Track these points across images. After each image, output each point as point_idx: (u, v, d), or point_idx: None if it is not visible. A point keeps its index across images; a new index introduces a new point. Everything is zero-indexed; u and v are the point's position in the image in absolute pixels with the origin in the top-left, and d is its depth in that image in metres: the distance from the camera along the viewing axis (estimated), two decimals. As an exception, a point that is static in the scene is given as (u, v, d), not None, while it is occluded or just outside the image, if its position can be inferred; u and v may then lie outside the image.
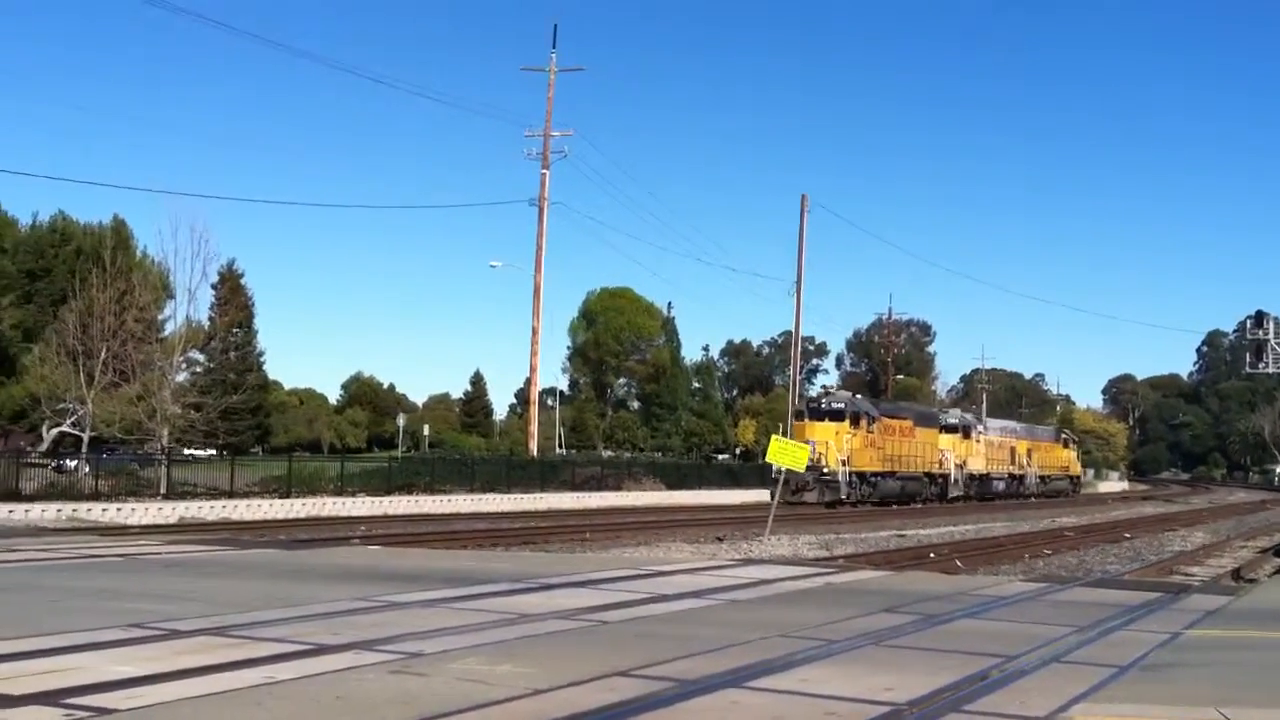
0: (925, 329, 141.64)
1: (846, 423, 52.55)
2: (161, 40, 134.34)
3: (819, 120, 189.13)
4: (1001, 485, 70.22)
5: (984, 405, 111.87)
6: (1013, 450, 73.17)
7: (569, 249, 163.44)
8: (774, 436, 30.97)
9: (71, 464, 42.65)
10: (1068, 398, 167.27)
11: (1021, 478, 73.35)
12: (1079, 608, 14.02)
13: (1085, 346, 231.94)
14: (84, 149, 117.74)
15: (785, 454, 28.25)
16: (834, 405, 53.60)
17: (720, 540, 28.21)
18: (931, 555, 24.69)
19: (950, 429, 64.96)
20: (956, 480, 63.61)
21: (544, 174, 59.40)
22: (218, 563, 17.94)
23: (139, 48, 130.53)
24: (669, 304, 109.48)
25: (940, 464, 62.48)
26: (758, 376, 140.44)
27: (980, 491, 66.53)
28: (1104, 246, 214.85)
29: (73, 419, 46.32)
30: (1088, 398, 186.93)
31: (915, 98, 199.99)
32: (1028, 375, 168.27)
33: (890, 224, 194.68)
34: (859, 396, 57.79)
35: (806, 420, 52.75)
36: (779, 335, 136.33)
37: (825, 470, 50.53)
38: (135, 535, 25.38)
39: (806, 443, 45.55)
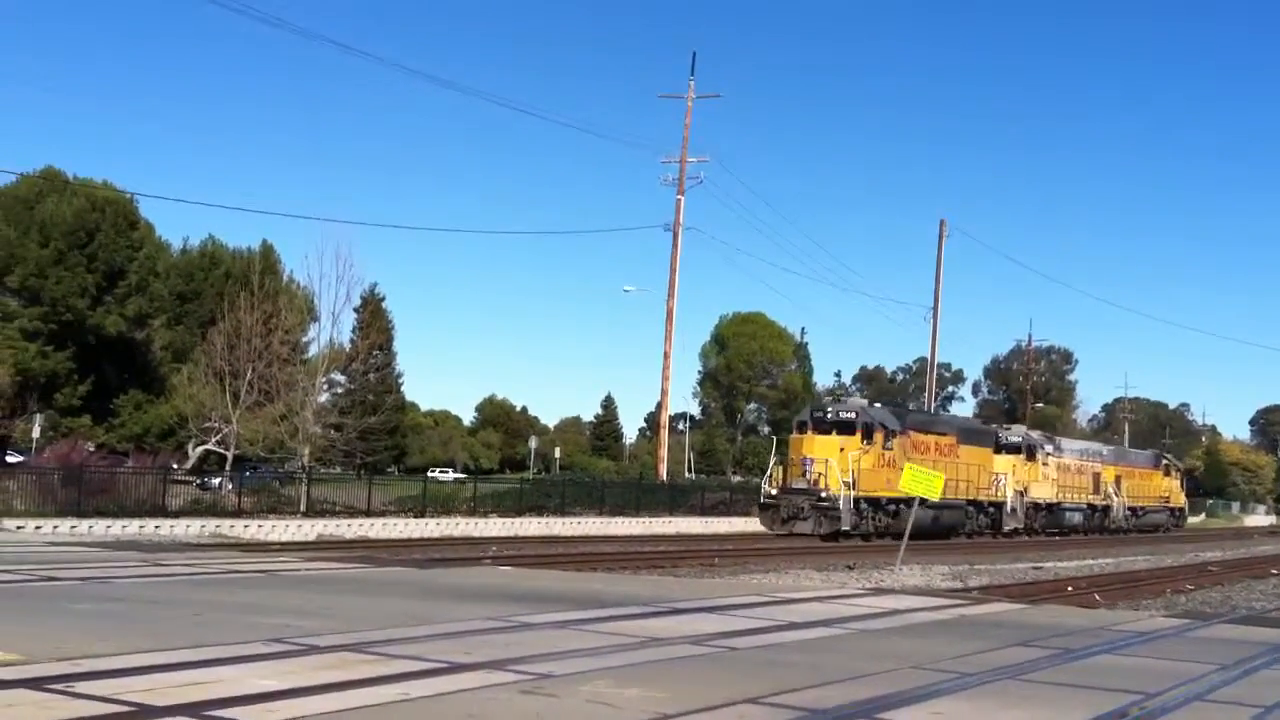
0: (1066, 356, 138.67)
1: (857, 436, 42.16)
2: (309, 70, 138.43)
3: (957, 142, 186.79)
4: (1078, 517, 58.93)
5: (1125, 435, 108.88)
6: (1096, 476, 61.31)
7: (702, 273, 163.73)
8: (908, 465, 30.51)
9: (216, 481, 44.00)
10: (1213, 428, 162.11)
11: (1106, 509, 61.80)
12: (1223, 645, 13.56)
13: (1233, 375, 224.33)
14: (235, 175, 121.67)
15: (919, 482, 27.79)
16: (842, 415, 43.50)
17: (851, 569, 27.89)
18: (1069, 589, 24.09)
19: (1009, 448, 54.17)
20: (1014, 509, 52.37)
21: (679, 200, 59.67)
22: (355, 580, 18.30)
23: (288, 78, 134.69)
24: (802, 329, 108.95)
25: (994, 490, 51.63)
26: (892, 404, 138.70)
27: (1049, 524, 55.83)
28: (1255, 272, 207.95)
29: (218, 437, 47.77)
30: (1234, 429, 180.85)
31: (1057, 121, 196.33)
32: (1172, 405, 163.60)
33: (1031, 248, 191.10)
34: (879, 405, 47.63)
35: (809, 433, 42.75)
36: (914, 361, 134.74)
37: (823, 495, 40.75)
38: (276, 552, 26.02)
39: (803, 460, 41.64)
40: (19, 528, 30.64)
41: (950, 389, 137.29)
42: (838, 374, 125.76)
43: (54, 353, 61.21)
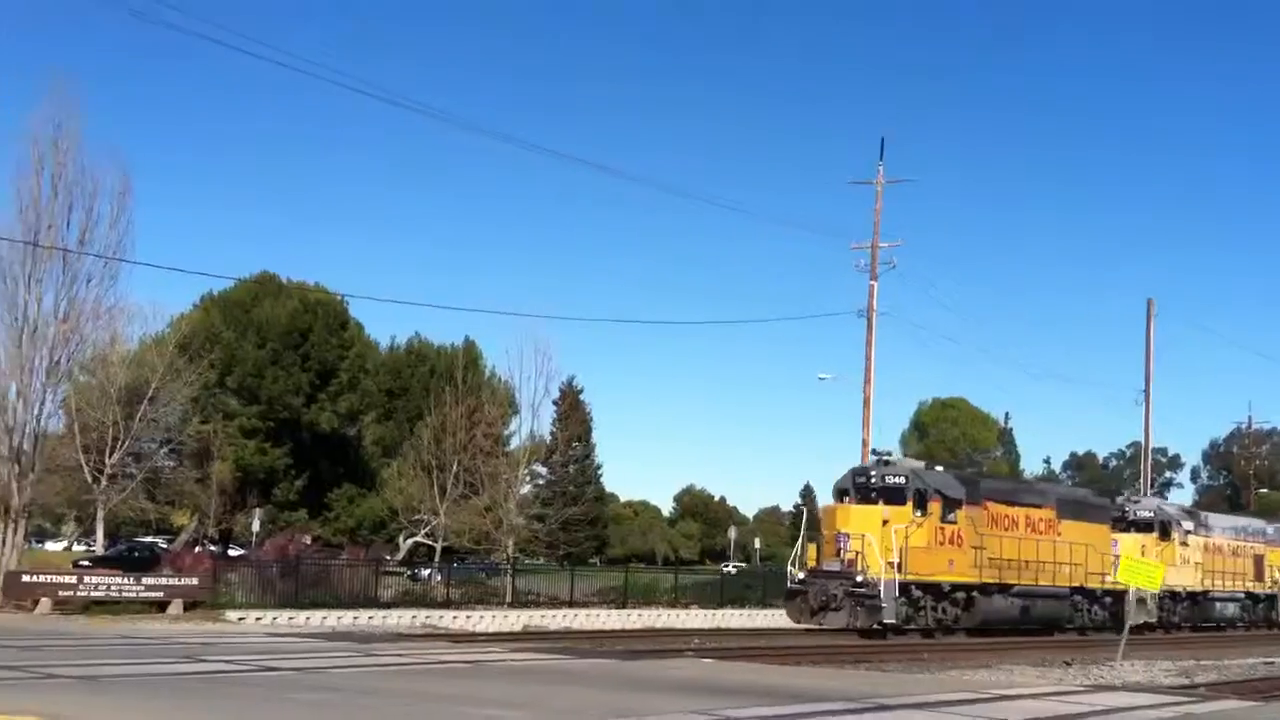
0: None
1: (907, 507, 34.14)
2: (503, 169, 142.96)
3: (1163, 220, 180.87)
4: (1232, 608, 48.85)
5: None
6: (1259, 560, 50.76)
7: (898, 359, 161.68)
8: (1125, 556, 29.23)
9: (425, 573, 45.03)
10: None
11: (1273, 599, 51.28)
12: None
13: None
14: (439, 274, 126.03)
15: (1138, 573, 26.62)
16: (889, 480, 35.07)
17: (1068, 664, 26.74)
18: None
19: (1138, 525, 44.80)
20: (1144, 599, 41.47)
21: (872, 285, 59.09)
22: (559, 671, 18.40)
23: (487, 178, 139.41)
24: (1005, 414, 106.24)
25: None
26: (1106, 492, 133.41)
27: (1194, 617, 46.28)
28: None
29: (427, 530, 49.01)
30: None
31: (1260, 193, 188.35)
32: None
33: (1246, 326, 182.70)
34: (940, 469, 38.49)
35: (849, 500, 35.17)
36: (1127, 446, 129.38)
37: (859, 579, 32.86)
38: (483, 642, 26.41)
39: (836, 536, 33.96)
40: (240, 619, 31.88)
41: (1168, 474, 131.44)
42: (1046, 460, 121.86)
43: (272, 449, 63.89)
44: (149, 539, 57.08)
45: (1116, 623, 38.97)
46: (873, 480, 35.22)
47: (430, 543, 48.74)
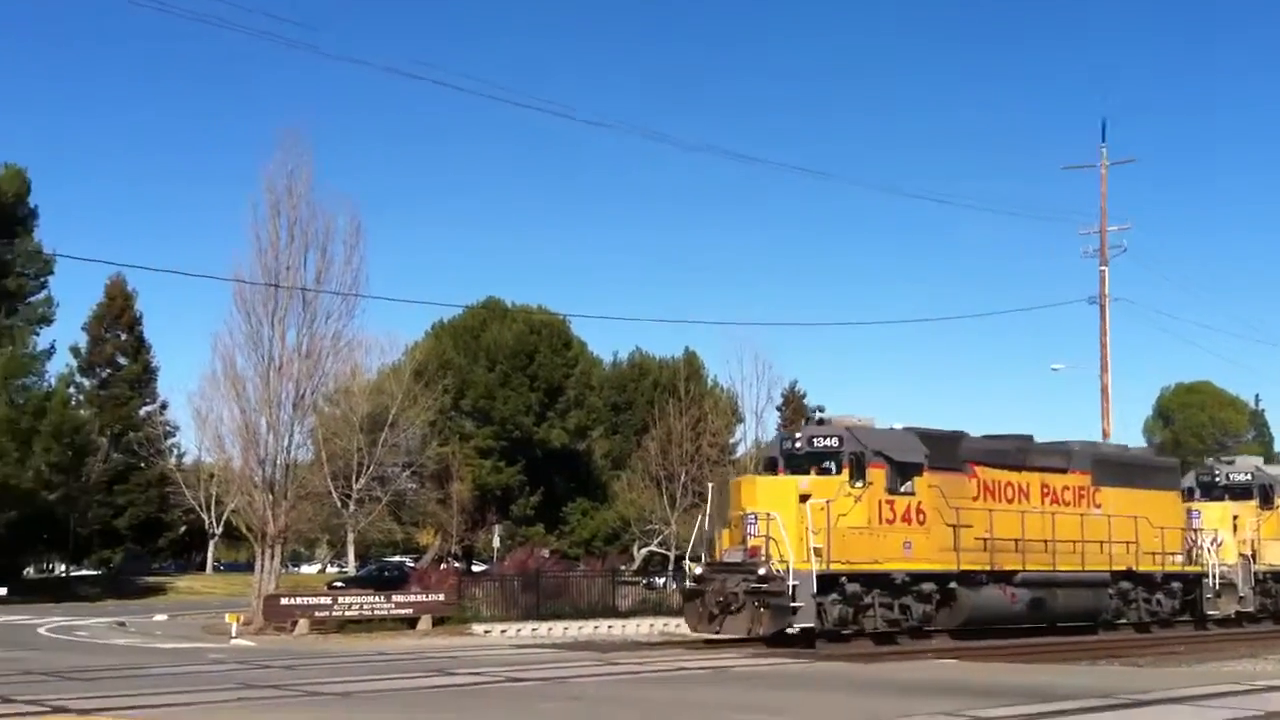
0: None
1: (842, 476, 26.66)
2: (710, 181, 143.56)
3: None
4: None
5: None
6: None
7: (1135, 345, 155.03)
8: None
9: (660, 581, 45.49)
10: None
11: None
12: None
13: None
14: (658, 288, 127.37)
15: None
16: (817, 443, 27.37)
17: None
18: None
19: (1232, 491, 36.17)
20: (1232, 582, 34.08)
21: (1102, 271, 56.96)
22: (799, 676, 18.34)
23: (701, 193, 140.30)
24: (1255, 396, 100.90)
25: (1193, 553, 33.91)
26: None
27: None
28: None
29: (659, 539, 49.54)
30: None
31: None
32: None
33: None
34: (897, 428, 29.01)
35: (779, 470, 27.72)
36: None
37: (761, 571, 25.33)
38: (722, 649, 26.46)
39: (743, 517, 26.35)
40: (485, 632, 32.85)
41: None
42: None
43: (507, 468, 65.59)
44: (397, 559, 59.39)
45: (1192, 611, 33.46)
46: (798, 445, 27.68)
47: (664, 551, 49.25)
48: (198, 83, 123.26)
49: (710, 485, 29.37)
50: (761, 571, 25.28)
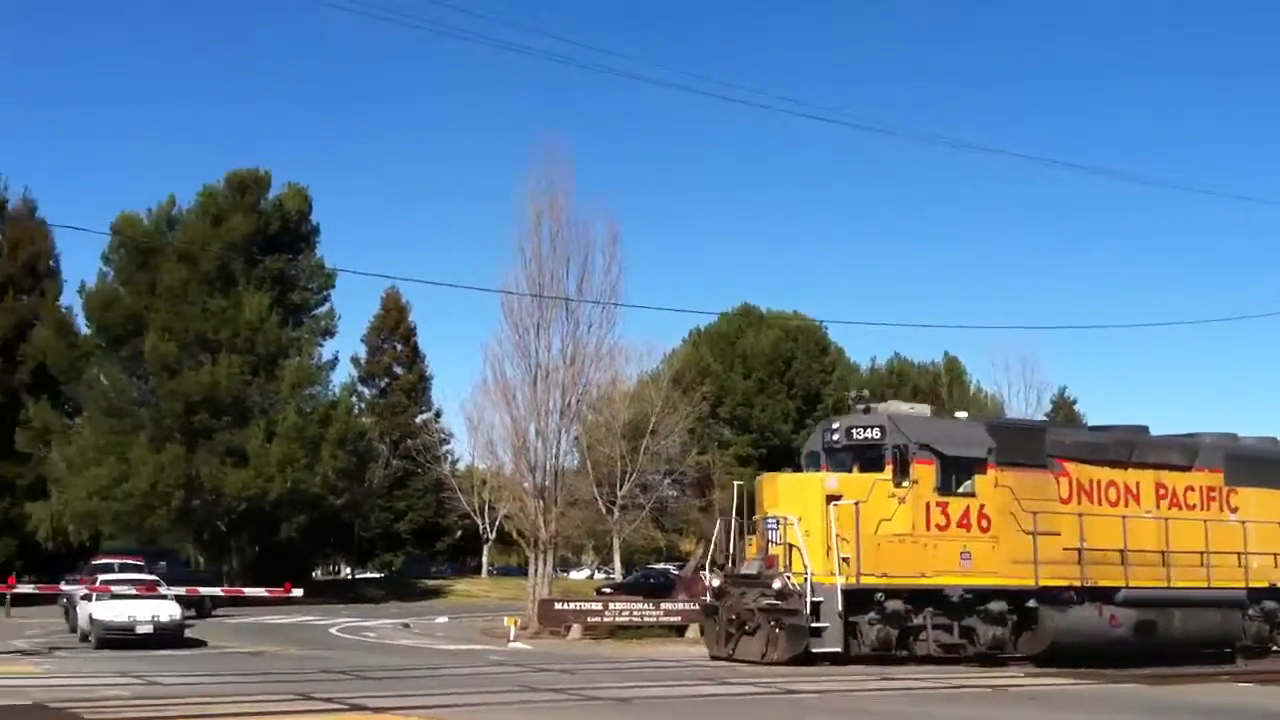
0: None
1: (885, 472, 23.15)
2: (968, 182, 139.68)
3: None
4: None
5: None
6: None
7: None
8: None
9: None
10: None
11: None
12: None
13: None
14: (917, 293, 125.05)
15: None
16: (856, 435, 23.91)
17: None
18: None
19: None
20: None
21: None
22: (1085, 697, 17.70)
23: (961, 195, 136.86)
24: None
25: None
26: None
27: None
28: None
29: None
30: None
31: None
32: None
33: None
34: (960, 417, 27.52)
35: (822, 467, 24.37)
36: None
37: (779, 585, 22.15)
38: (1005, 667, 25.59)
39: (764, 521, 23.40)
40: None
41: None
42: None
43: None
44: (660, 565, 60.11)
45: None
46: (836, 438, 24.09)
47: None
48: (463, 95, 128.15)
49: (735, 484, 25.41)
50: (776, 585, 22.11)
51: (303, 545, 62.71)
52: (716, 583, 23.99)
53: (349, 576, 74.44)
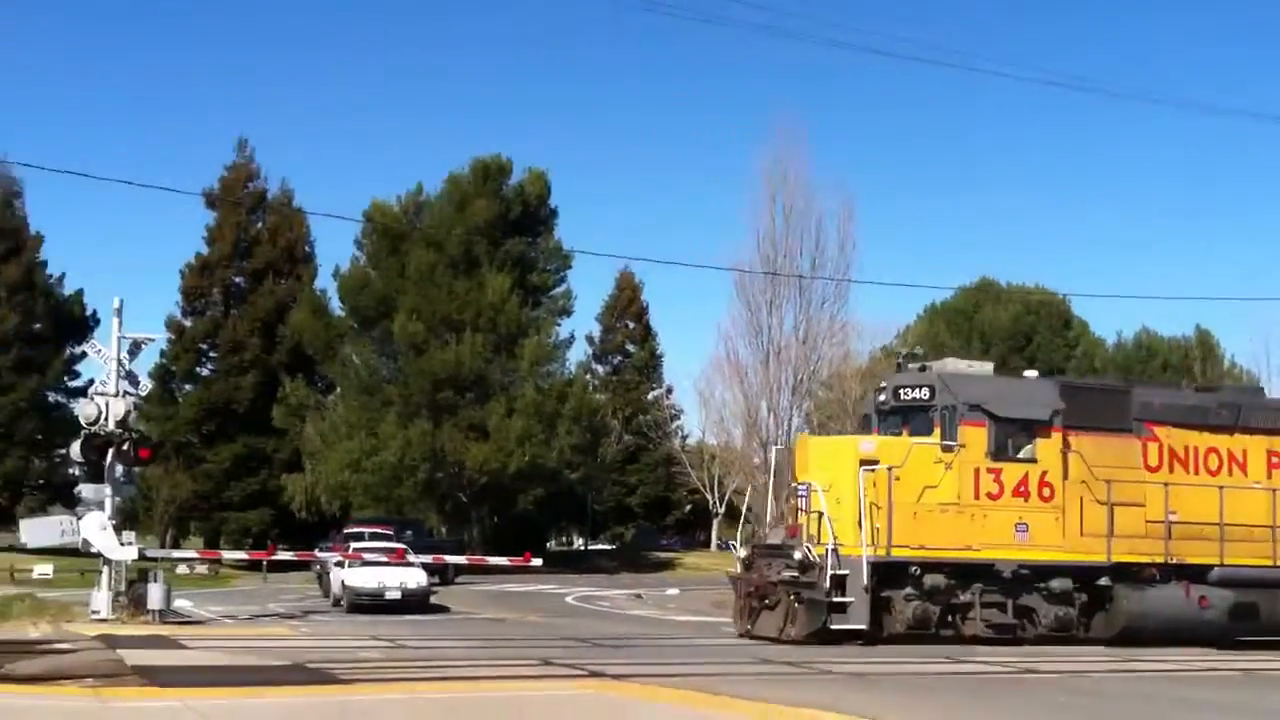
0: None
1: (933, 436, 21.37)
2: (1224, 152, 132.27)
3: None
4: None
5: None
6: None
7: None
8: None
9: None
10: None
11: None
12: None
13: None
14: (1167, 265, 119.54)
15: None
16: (904, 395, 22.05)
17: None
18: None
19: None
20: None
21: None
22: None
23: (1208, 163, 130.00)
24: None
25: None
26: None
27: None
28: None
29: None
30: None
31: None
32: None
33: None
34: (1030, 374, 24.89)
35: (874, 430, 22.51)
36: None
37: (799, 556, 20.50)
38: (1250, 649, 24.42)
39: (795, 488, 21.94)
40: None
41: None
42: None
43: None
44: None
45: None
46: (882, 399, 22.45)
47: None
48: (694, 74, 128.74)
49: (774, 450, 24.14)
50: (796, 556, 20.52)
51: (539, 517, 64.47)
52: (743, 554, 22.72)
53: (582, 548, 76.18)
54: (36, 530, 25.86)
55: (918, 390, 21.74)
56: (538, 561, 30.67)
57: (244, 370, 59.45)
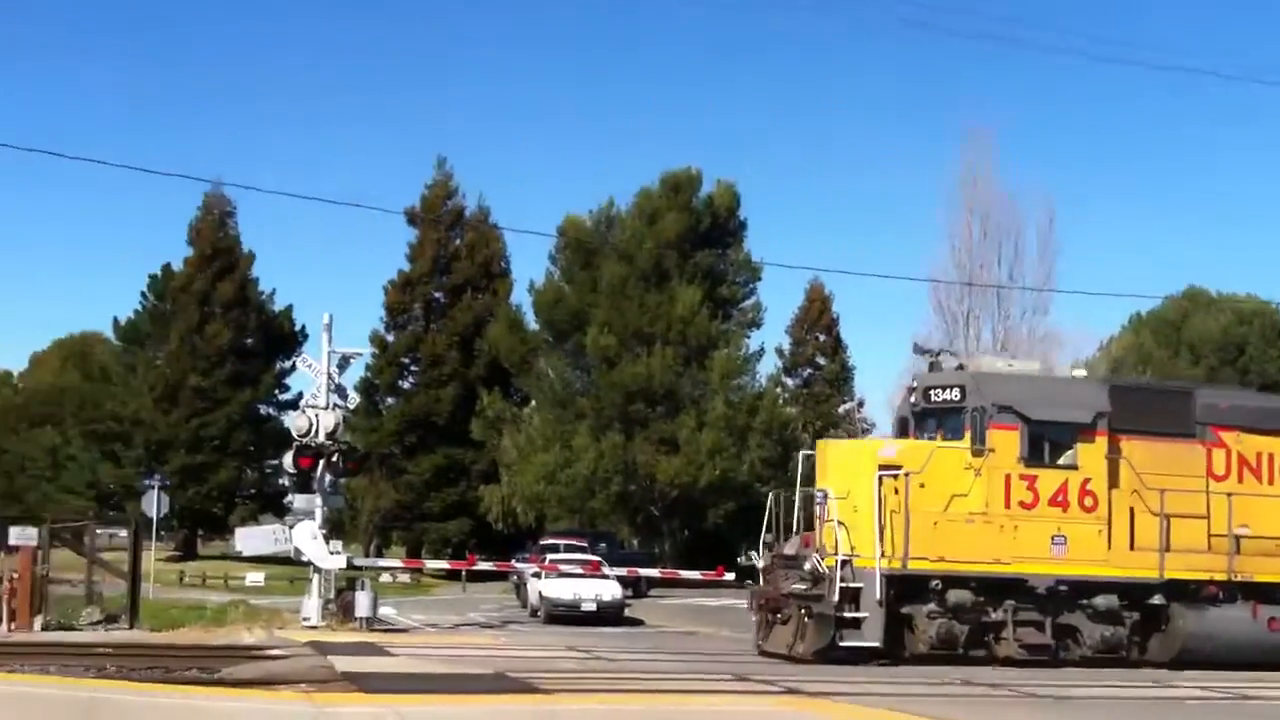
0: None
1: (963, 440, 19.95)
2: None
3: None
4: None
5: None
6: None
7: None
8: None
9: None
10: None
11: None
12: None
13: None
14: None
15: None
16: (934, 396, 20.61)
17: None
18: None
19: None
20: None
21: None
22: None
23: None
24: None
25: None
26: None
27: None
28: None
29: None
30: None
31: None
32: None
33: None
34: (1078, 373, 23.63)
35: (910, 434, 21.13)
36: None
37: (809, 567, 19.57)
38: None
39: (813, 496, 20.33)
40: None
41: None
42: None
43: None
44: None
45: None
46: (914, 400, 20.93)
47: None
48: (884, 80, 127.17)
49: (800, 454, 22.39)
50: (806, 567, 19.48)
51: (729, 531, 64.38)
52: (762, 564, 21.47)
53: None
54: (251, 539, 27.13)
55: (948, 391, 20.27)
56: (730, 575, 30.66)
57: (443, 383, 61.06)
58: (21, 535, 22.87)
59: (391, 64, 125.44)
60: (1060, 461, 19.91)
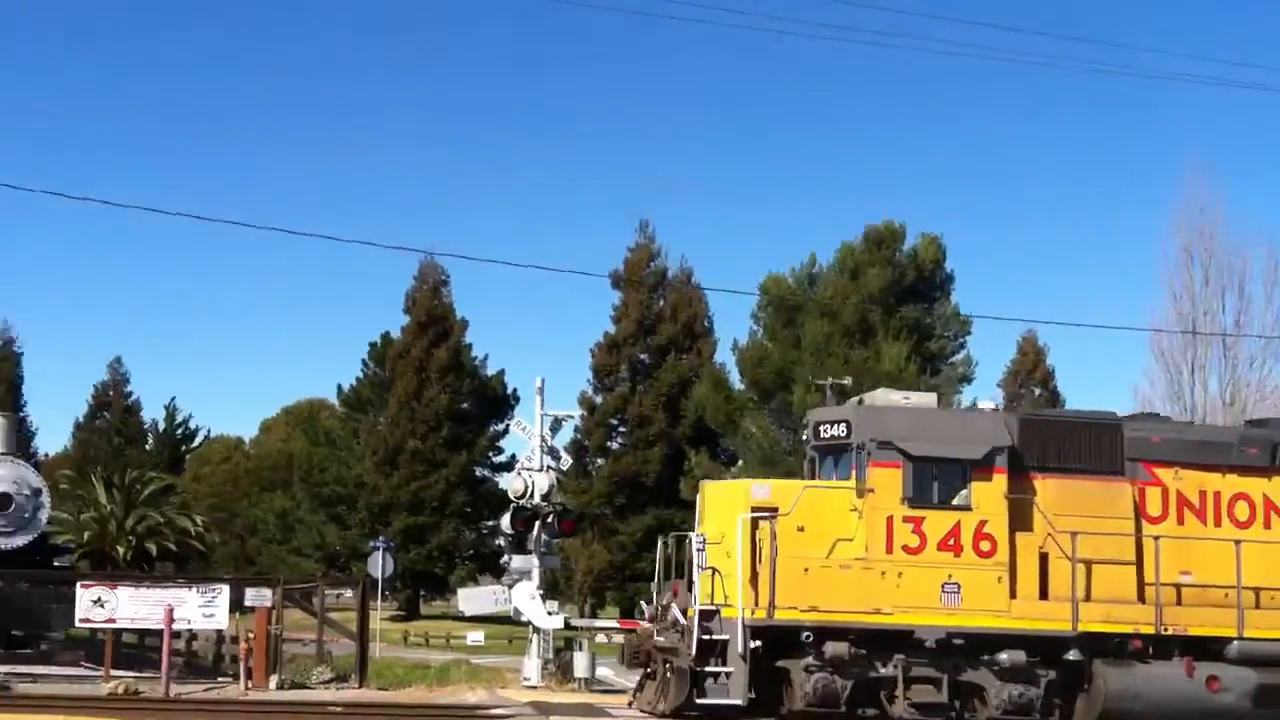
0: None
1: (850, 479, 18.45)
2: None
3: None
4: None
5: None
6: None
7: None
8: None
9: None
10: None
11: None
12: None
13: None
14: None
15: None
16: (827, 431, 18.88)
17: None
18: None
19: None
20: None
21: None
22: None
23: None
24: None
25: None
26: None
27: None
28: None
29: None
30: None
31: None
32: None
33: None
34: (989, 406, 22.59)
35: (817, 472, 19.71)
36: None
37: (672, 619, 18.48)
38: None
39: (695, 539, 18.64)
40: None
41: None
42: None
43: None
44: None
45: None
46: (805, 437, 19.96)
47: None
48: (1100, 125, 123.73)
49: (699, 494, 20.51)
50: (668, 619, 18.41)
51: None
52: (647, 615, 20.17)
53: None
54: (474, 599, 27.79)
55: (835, 426, 18.90)
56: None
57: (651, 444, 61.55)
58: (257, 596, 23.85)
59: (593, 129, 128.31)
60: (953, 502, 18.35)
